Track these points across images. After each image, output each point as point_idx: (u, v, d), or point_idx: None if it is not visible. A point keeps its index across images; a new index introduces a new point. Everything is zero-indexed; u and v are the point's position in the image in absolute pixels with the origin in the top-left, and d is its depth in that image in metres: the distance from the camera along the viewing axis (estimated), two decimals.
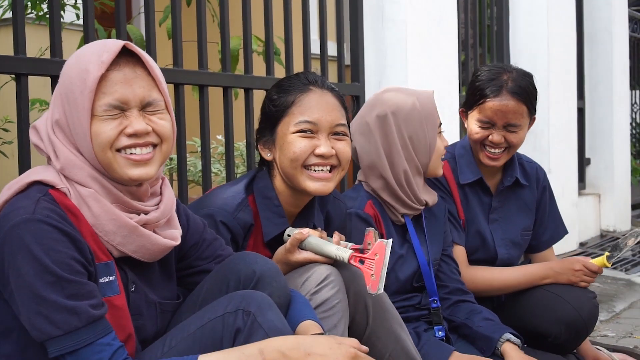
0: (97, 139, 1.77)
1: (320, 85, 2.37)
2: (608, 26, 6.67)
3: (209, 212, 2.27)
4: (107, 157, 1.79)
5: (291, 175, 2.33)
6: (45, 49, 3.82)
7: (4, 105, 3.80)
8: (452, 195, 3.02)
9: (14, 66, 2.46)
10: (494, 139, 2.93)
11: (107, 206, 1.79)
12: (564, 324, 2.84)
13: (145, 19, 2.91)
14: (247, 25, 3.28)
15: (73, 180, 1.80)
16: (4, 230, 1.68)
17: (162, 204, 1.91)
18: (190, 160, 4.16)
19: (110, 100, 1.77)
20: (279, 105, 2.35)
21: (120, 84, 1.78)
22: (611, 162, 6.75)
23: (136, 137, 1.80)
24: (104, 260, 1.79)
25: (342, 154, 2.35)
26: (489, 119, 2.93)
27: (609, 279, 5.06)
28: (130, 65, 1.81)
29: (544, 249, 3.22)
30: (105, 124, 1.78)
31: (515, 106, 2.90)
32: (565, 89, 5.71)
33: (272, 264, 1.99)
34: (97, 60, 1.77)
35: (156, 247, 1.87)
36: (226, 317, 1.79)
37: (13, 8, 2.47)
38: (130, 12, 5.86)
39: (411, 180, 2.68)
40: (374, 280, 2.16)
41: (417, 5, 4.05)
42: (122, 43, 1.81)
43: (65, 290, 1.66)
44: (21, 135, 2.48)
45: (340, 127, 2.36)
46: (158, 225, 1.89)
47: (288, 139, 2.32)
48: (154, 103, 1.83)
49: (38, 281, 1.64)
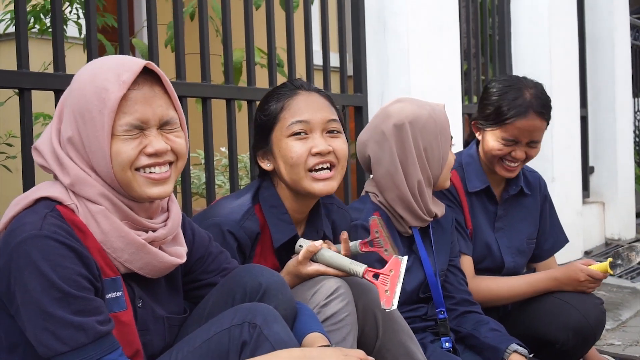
0: (117, 158, 1.77)
1: (307, 88, 2.40)
2: (610, 34, 6.67)
3: (216, 222, 2.27)
4: (127, 177, 1.79)
5: (293, 181, 2.34)
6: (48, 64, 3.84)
7: (8, 120, 3.80)
8: (460, 204, 3.02)
9: (17, 81, 2.47)
10: (517, 155, 2.95)
11: (116, 223, 1.79)
12: (571, 330, 2.84)
13: (148, 33, 2.91)
14: (249, 37, 3.28)
15: (82, 197, 1.79)
16: (11, 247, 1.68)
17: (169, 220, 1.91)
18: (194, 172, 4.16)
19: (131, 119, 1.77)
20: (269, 114, 2.36)
21: (140, 104, 1.78)
22: (615, 170, 6.73)
23: (156, 157, 1.80)
24: (111, 275, 1.79)
25: (339, 151, 2.35)
26: (514, 137, 2.94)
27: (615, 288, 5.05)
28: (149, 84, 1.81)
29: (546, 257, 3.23)
30: (126, 143, 1.77)
31: (540, 125, 2.96)
32: (568, 97, 5.70)
33: (278, 277, 1.99)
34: (116, 79, 1.76)
35: (162, 265, 1.87)
36: (232, 330, 1.79)
37: (16, 23, 2.48)
38: (133, 28, 5.88)
39: (424, 190, 2.67)
40: (388, 295, 2.15)
41: (418, 15, 4.05)
42: (142, 63, 1.80)
43: (72, 306, 1.65)
44: (25, 149, 2.48)
45: (333, 123, 2.36)
46: (165, 242, 1.89)
47: (283, 144, 2.32)
48: (172, 122, 1.84)
49: (45, 297, 1.64)
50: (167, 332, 1.94)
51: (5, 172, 4.03)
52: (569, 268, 2.98)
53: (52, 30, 2.61)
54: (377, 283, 2.17)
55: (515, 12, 5.49)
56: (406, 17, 3.98)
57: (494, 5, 5.37)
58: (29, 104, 2.50)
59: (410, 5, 3.99)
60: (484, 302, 2.95)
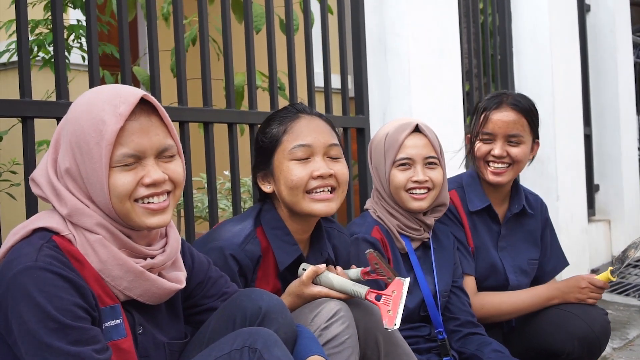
0: (115, 190, 1.78)
1: (309, 112, 2.43)
2: (613, 53, 6.68)
3: (218, 246, 2.28)
4: (125, 208, 1.80)
5: (293, 203, 2.35)
6: (51, 92, 3.87)
7: (12, 148, 3.83)
8: (462, 224, 3.03)
9: (20, 109, 2.49)
10: (496, 152, 2.98)
11: (114, 252, 1.80)
12: (576, 339, 2.84)
13: (150, 59, 2.93)
14: (250, 61, 3.30)
15: (80, 227, 1.80)
16: (7, 278, 1.69)
17: (167, 246, 1.92)
18: (197, 196, 4.18)
19: (128, 150, 1.78)
20: (271, 137, 2.39)
21: (137, 134, 1.79)
22: (620, 187, 6.72)
23: (154, 187, 1.82)
24: (109, 304, 1.80)
25: (340, 175, 2.38)
26: (490, 131, 2.99)
27: (622, 306, 5.03)
28: (145, 114, 1.82)
29: (547, 279, 3.23)
30: (123, 175, 1.78)
31: (514, 117, 2.99)
32: (571, 115, 5.71)
33: (277, 300, 1.99)
34: (113, 111, 1.76)
35: (162, 291, 1.88)
36: (233, 355, 1.79)
37: (18, 52, 2.50)
38: (137, 53, 5.92)
39: (386, 197, 2.76)
40: (390, 315, 2.16)
41: (419, 37, 4.07)
42: (139, 94, 1.80)
43: (68, 336, 1.66)
44: (28, 177, 2.49)
45: (334, 147, 2.39)
46: (164, 268, 1.90)
47: (284, 167, 2.34)
48: (169, 150, 1.85)
49: (41, 328, 1.65)
50: (167, 357, 1.94)
51: (9, 200, 4.05)
52: (570, 278, 3.01)
53: (54, 58, 2.63)
54: (380, 304, 2.18)
55: (517, 32, 5.51)
56: (407, 39, 4.00)
57: (495, 26, 5.39)
58: (32, 132, 2.52)
59: (411, 27, 4.01)
60: (489, 318, 2.96)
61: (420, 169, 2.71)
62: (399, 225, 2.75)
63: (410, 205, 2.73)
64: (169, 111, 2.86)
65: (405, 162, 2.72)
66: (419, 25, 4.08)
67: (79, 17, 4.16)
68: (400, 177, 2.71)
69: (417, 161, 2.71)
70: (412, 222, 2.76)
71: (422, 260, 2.80)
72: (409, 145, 2.72)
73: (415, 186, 2.71)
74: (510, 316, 3.04)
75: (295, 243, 2.39)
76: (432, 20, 4.20)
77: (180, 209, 4.17)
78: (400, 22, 4.00)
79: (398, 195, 2.73)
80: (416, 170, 2.71)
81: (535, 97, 5.41)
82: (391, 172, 2.73)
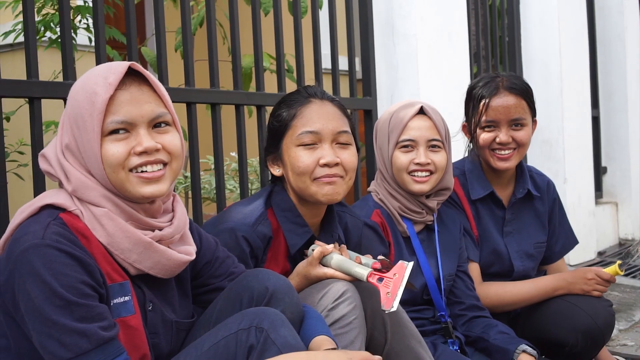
0: (107, 160, 1.79)
1: (320, 97, 2.40)
2: (621, 34, 6.64)
3: (229, 227, 2.29)
4: (120, 178, 1.81)
5: (300, 189, 2.35)
6: (58, 72, 3.87)
7: (19, 128, 3.84)
8: (464, 211, 3.02)
9: (27, 90, 2.49)
10: (502, 139, 2.95)
11: (121, 224, 1.81)
12: (580, 332, 2.84)
13: (157, 40, 2.93)
14: (257, 43, 3.30)
15: (86, 201, 1.81)
16: (14, 256, 1.70)
17: (175, 219, 1.93)
18: (205, 177, 4.18)
19: (118, 117, 1.79)
20: (281, 120, 2.38)
21: (127, 103, 1.80)
22: (628, 170, 6.70)
23: (146, 155, 1.82)
24: (118, 280, 1.81)
25: (347, 163, 2.36)
26: (493, 119, 2.96)
27: (628, 288, 5.03)
28: (136, 84, 1.83)
29: (556, 259, 3.23)
30: (115, 144, 1.80)
31: (515, 101, 2.95)
32: (579, 97, 5.69)
33: (284, 280, 2.00)
34: (103, 82, 1.79)
35: (172, 263, 1.89)
36: (239, 334, 1.80)
37: (25, 32, 2.50)
38: (144, 35, 5.92)
39: (387, 178, 2.77)
40: (389, 297, 2.16)
41: (427, 19, 4.06)
42: (127, 64, 1.83)
43: (74, 313, 1.67)
44: (35, 157, 2.50)
45: (343, 134, 2.37)
46: (172, 241, 1.91)
47: (292, 152, 2.34)
48: (162, 116, 1.85)
49: (47, 305, 1.66)
50: (174, 336, 1.95)
51: (17, 180, 4.07)
52: (577, 270, 2.99)
53: (61, 39, 2.63)
54: (380, 285, 2.18)
55: (525, 14, 5.49)
56: (415, 20, 3.99)
57: (504, 7, 5.37)
58: (39, 113, 2.52)
59: (418, 8, 4.00)
60: (493, 308, 2.96)
61: (423, 152, 2.70)
62: (400, 208, 2.75)
63: (411, 188, 2.72)
64: (176, 92, 2.88)
65: (408, 144, 2.71)
66: (426, 7, 4.07)
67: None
68: (403, 159, 2.71)
69: (420, 143, 2.71)
70: (414, 205, 2.76)
71: (426, 243, 2.80)
72: (413, 127, 2.71)
73: (417, 168, 2.70)
74: (514, 306, 3.03)
75: (305, 225, 2.39)
76: (440, 1, 4.18)
77: (188, 191, 4.18)
78: (407, 4, 3.99)
79: (400, 177, 2.73)
80: (419, 153, 2.70)
81: (543, 79, 5.44)
82: (394, 154, 2.72)
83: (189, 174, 3.58)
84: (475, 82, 3.07)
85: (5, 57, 4.69)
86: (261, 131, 3.27)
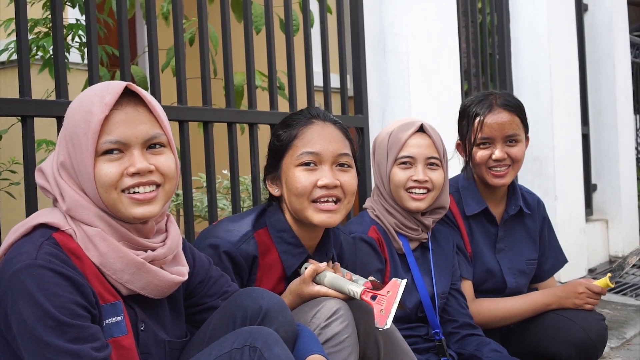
0: (100, 180, 1.79)
1: (323, 118, 2.39)
2: (610, 52, 6.69)
3: (213, 243, 2.28)
4: (112, 198, 1.81)
5: (297, 210, 2.35)
6: (51, 91, 3.87)
7: (11, 147, 3.83)
8: (458, 228, 3.03)
9: (19, 108, 2.49)
10: (497, 156, 2.97)
11: (114, 244, 1.80)
12: (573, 346, 2.84)
13: (149, 58, 2.94)
14: (250, 61, 3.31)
15: (79, 221, 1.81)
16: (7, 276, 1.70)
17: (168, 240, 1.92)
18: (197, 195, 4.18)
19: (112, 137, 1.79)
20: (282, 140, 2.38)
21: (122, 124, 1.80)
22: (618, 187, 6.73)
23: (139, 176, 1.81)
24: (110, 300, 1.80)
25: (347, 187, 2.35)
26: (488, 136, 2.98)
27: (619, 305, 5.03)
28: (132, 105, 1.83)
29: (546, 278, 3.25)
30: (107, 165, 1.80)
31: (509, 118, 2.98)
32: (569, 115, 5.72)
33: (278, 299, 1.99)
34: (100, 101, 1.79)
35: (164, 283, 1.88)
36: (233, 354, 1.80)
37: (18, 51, 2.50)
38: (136, 51, 5.92)
39: (385, 195, 2.77)
40: (382, 315, 2.16)
41: (418, 36, 4.08)
42: (124, 84, 1.83)
43: (67, 334, 1.66)
44: (27, 176, 2.50)
45: (344, 157, 2.36)
46: (165, 261, 1.90)
47: (291, 173, 2.33)
48: (157, 138, 1.85)
49: (40, 326, 1.65)
50: (168, 356, 1.94)
51: (8, 199, 4.05)
52: (568, 283, 3.00)
53: (54, 57, 2.63)
54: (374, 303, 2.18)
55: (515, 32, 5.52)
56: (406, 38, 4.01)
57: (494, 25, 5.40)
58: (32, 131, 2.52)
59: (410, 26, 4.02)
60: (486, 324, 2.96)
61: (421, 169, 2.71)
62: (396, 224, 2.76)
63: (408, 205, 2.73)
64: (168, 110, 2.88)
65: (406, 161, 2.72)
66: (418, 24, 4.09)
67: (77, 17, 4.16)
68: (401, 176, 2.72)
69: (419, 160, 2.72)
70: (410, 222, 2.76)
71: (420, 261, 2.80)
72: (412, 144, 2.72)
73: (414, 185, 2.71)
74: (507, 322, 3.03)
75: (301, 245, 2.38)
76: (431, 19, 4.20)
77: (179, 208, 4.17)
78: (399, 22, 4.01)
79: (397, 194, 2.74)
80: (417, 170, 2.71)
81: (533, 96, 5.45)
82: (392, 170, 2.73)
83: (180, 192, 3.58)
84: (468, 100, 3.09)
85: None
86: (253, 149, 3.27)
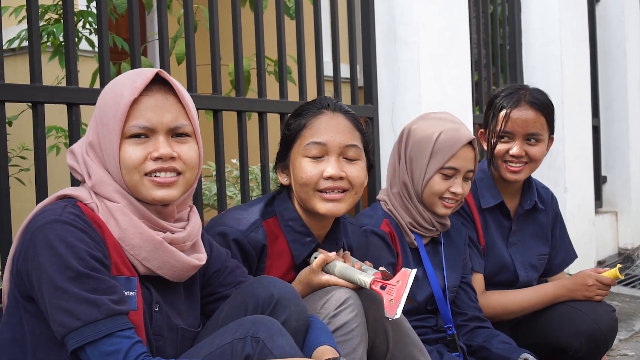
0: (124, 161, 1.84)
1: (333, 109, 2.38)
2: (622, 44, 6.66)
3: (222, 231, 2.29)
4: (134, 180, 1.85)
5: (304, 199, 2.35)
6: (62, 78, 3.87)
7: (21, 133, 3.83)
8: (473, 220, 3.02)
9: (30, 94, 2.49)
10: (514, 152, 2.95)
11: (134, 220, 1.85)
12: (584, 337, 2.83)
13: (160, 46, 2.93)
14: (260, 49, 3.29)
15: (102, 196, 1.86)
16: (32, 231, 1.76)
17: (188, 226, 1.96)
18: (205, 184, 4.18)
19: (139, 122, 1.84)
20: (292, 130, 2.38)
21: (151, 109, 1.86)
22: (628, 179, 6.71)
23: (161, 162, 1.86)
24: (126, 274, 1.83)
25: (353, 178, 2.33)
26: (509, 130, 2.96)
27: (628, 298, 5.02)
28: (162, 92, 1.89)
29: (556, 272, 3.24)
30: (133, 148, 1.85)
31: (534, 116, 2.95)
32: (580, 106, 5.70)
33: (290, 287, 1.99)
34: (131, 85, 1.85)
35: (181, 265, 1.90)
36: (235, 344, 1.80)
37: (29, 37, 2.50)
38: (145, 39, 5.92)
39: (412, 194, 2.72)
40: (392, 305, 2.16)
41: (429, 26, 4.06)
42: (155, 70, 1.88)
43: (85, 285, 1.71)
44: (38, 162, 2.50)
45: (352, 148, 2.34)
46: (184, 247, 1.93)
47: (297, 163, 2.33)
48: (182, 128, 1.89)
49: (59, 276, 1.70)
50: (179, 342, 1.95)
51: (18, 185, 4.06)
52: (577, 275, 2.99)
53: (64, 45, 2.64)
54: (383, 293, 2.17)
55: (526, 22, 5.50)
56: (417, 28, 3.99)
57: (505, 16, 5.38)
58: (42, 118, 2.52)
59: (420, 16, 4.00)
60: (496, 317, 2.96)
61: (459, 182, 2.70)
62: (411, 223, 2.73)
63: (438, 211, 2.72)
64: None
65: (450, 173, 2.69)
66: (428, 14, 4.07)
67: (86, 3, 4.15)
68: (441, 185, 2.68)
69: (461, 173, 2.70)
70: (427, 223, 2.74)
71: (432, 255, 2.79)
72: (461, 157, 2.68)
73: (450, 196, 2.70)
74: (517, 314, 3.03)
75: (311, 234, 2.38)
76: (442, 9, 4.18)
77: None
78: (409, 12, 3.99)
79: (430, 200, 2.71)
80: (456, 182, 2.69)
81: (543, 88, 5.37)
82: (433, 177, 2.68)
83: None
84: (498, 91, 3.08)
85: (7, 62, 4.69)
86: (263, 138, 3.26)
